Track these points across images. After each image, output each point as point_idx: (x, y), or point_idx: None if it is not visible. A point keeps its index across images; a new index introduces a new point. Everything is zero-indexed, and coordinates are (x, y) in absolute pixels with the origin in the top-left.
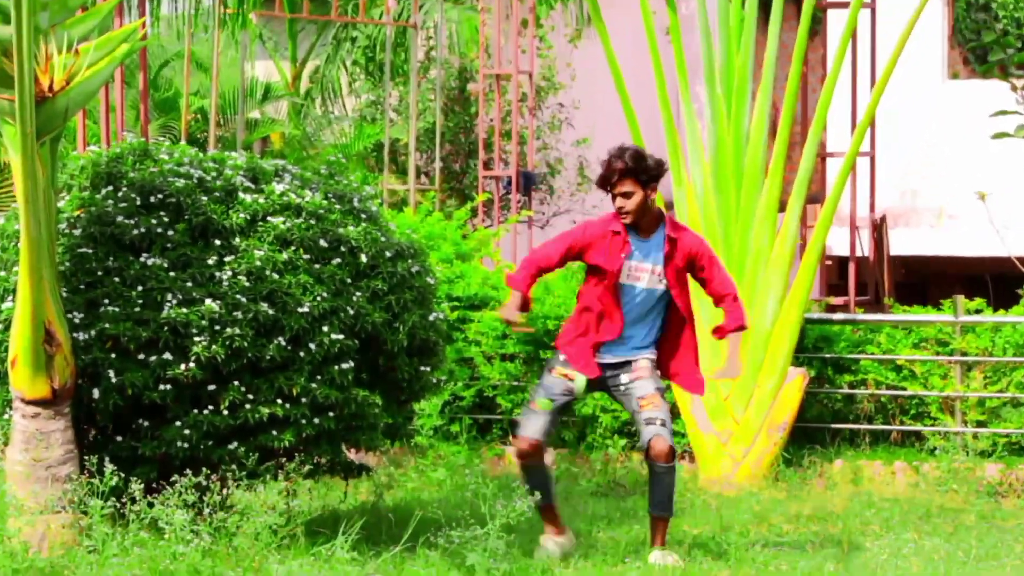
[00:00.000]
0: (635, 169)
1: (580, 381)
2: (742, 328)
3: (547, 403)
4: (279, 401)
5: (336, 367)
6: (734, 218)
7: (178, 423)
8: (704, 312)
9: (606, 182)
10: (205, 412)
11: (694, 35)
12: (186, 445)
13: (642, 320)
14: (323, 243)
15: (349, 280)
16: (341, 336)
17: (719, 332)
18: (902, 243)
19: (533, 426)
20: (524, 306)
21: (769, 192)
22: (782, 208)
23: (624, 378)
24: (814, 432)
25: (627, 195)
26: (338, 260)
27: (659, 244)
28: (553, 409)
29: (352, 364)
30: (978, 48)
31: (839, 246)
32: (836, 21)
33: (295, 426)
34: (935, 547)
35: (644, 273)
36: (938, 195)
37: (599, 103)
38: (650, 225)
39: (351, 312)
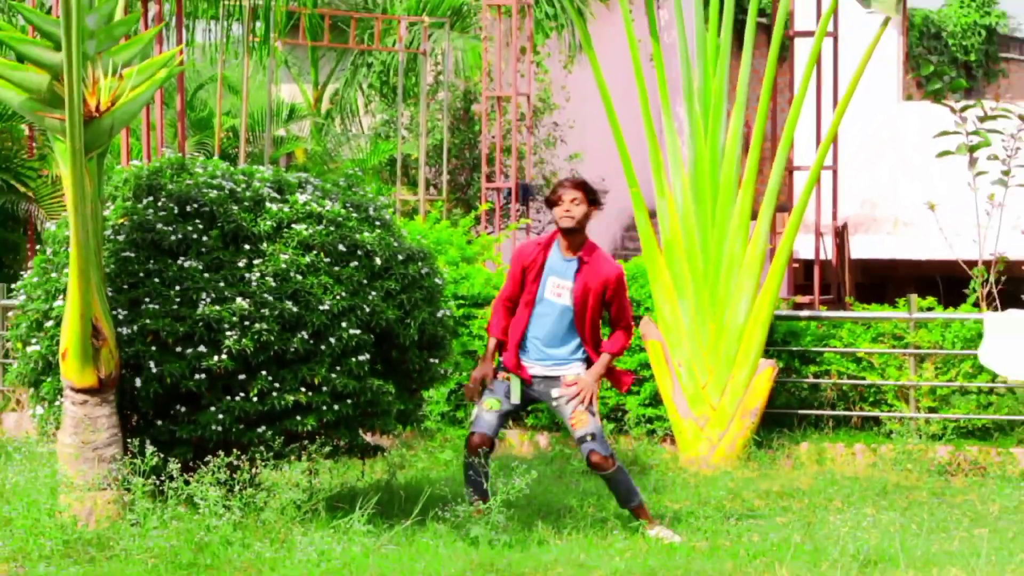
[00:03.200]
0: (585, 185)
1: (515, 383)
2: (616, 354)
3: (495, 403)
4: (302, 389)
5: (354, 359)
6: (711, 226)
7: (212, 408)
8: None
9: (556, 195)
10: (236, 399)
11: (675, 61)
12: (219, 429)
13: (564, 336)
14: (342, 247)
15: (365, 281)
16: (358, 331)
17: (600, 349)
18: (862, 248)
19: (483, 423)
20: (500, 348)
21: (742, 202)
22: (754, 216)
23: (555, 392)
24: (782, 417)
25: (575, 201)
26: (355, 263)
27: (578, 263)
28: (500, 410)
29: (368, 356)
30: (922, 76)
31: (805, 251)
32: (802, 48)
33: (317, 412)
34: (891, 520)
35: (564, 291)
36: (894, 205)
37: (589, 122)
38: (579, 245)
39: (367, 310)
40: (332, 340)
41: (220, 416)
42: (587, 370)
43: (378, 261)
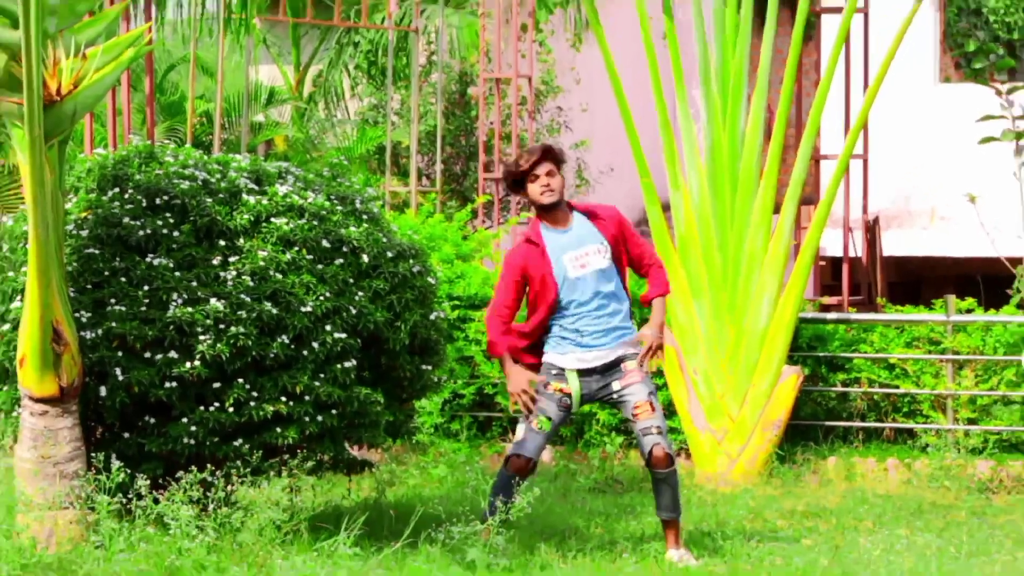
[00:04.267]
0: (551, 151)
1: (575, 392)
2: (666, 292)
3: (546, 423)
4: (283, 399)
5: (339, 366)
6: (729, 220)
7: (184, 420)
8: None
9: (528, 173)
10: (211, 410)
11: (690, 40)
12: (192, 442)
13: (609, 306)
14: (325, 243)
15: (351, 280)
16: (344, 335)
17: (644, 298)
18: (895, 244)
19: (531, 445)
20: (516, 360)
21: (764, 194)
22: (777, 210)
23: (616, 385)
24: (808, 430)
25: (551, 174)
26: (340, 261)
27: (583, 223)
28: (551, 430)
29: (354, 363)
30: (965, 55)
31: (833, 247)
32: (830, 26)
33: (298, 423)
34: (927, 543)
35: (589, 256)
36: (930, 197)
37: (597, 106)
38: (564, 216)
39: (353, 311)
40: (315, 345)
41: (193, 428)
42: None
43: (365, 258)
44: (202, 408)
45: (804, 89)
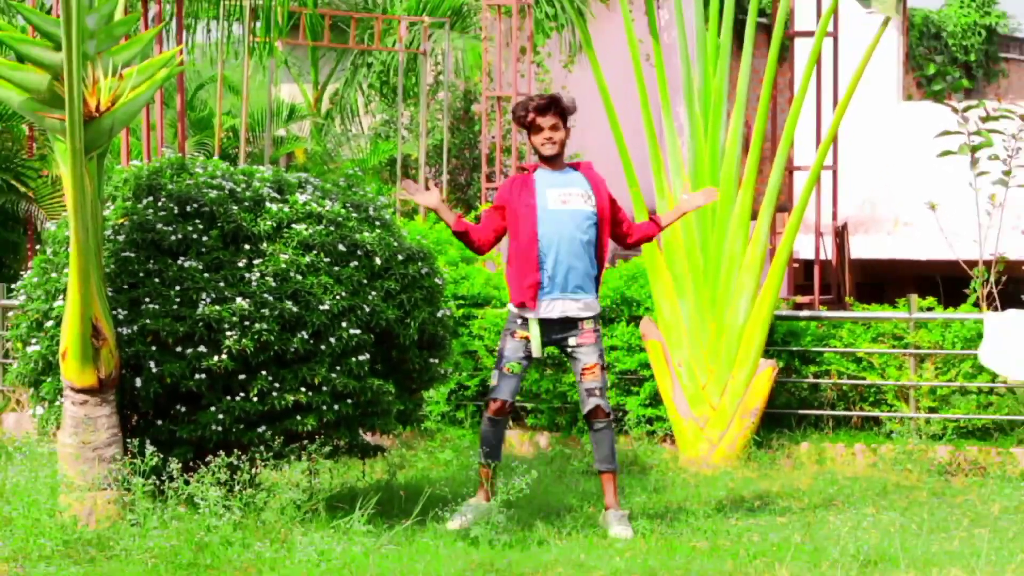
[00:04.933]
0: (559, 104)
1: (534, 331)
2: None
3: (516, 366)
4: (302, 389)
5: (353, 359)
6: (711, 226)
7: (212, 408)
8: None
9: (532, 121)
10: (236, 399)
11: (675, 61)
12: (219, 429)
13: (581, 252)
14: (342, 247)
15: (365, 281)
16: (358, 331)
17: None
18: (862, 248)
19: (505, 388)
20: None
21: (742, 202)
22: (754, 216)
23: (572, 341)
24: (782, 417)
25: (555, 127)
26: (355, 263)
27: (577, 174)
28: (520, 372)
29: (368, 356)
30: (925, 76)
31: (805, 251)
32: (802, 48)
33: (317, 412)
34: (891, 520)
35: (573, 196)
36: (894, 205)
37: (589, 122)
38: (562, 164)
39: (367, 310)
40: (332, 340)
41: (220, 416)
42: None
43: (378, 261)
44: (229, 398)
45: (779, 106)
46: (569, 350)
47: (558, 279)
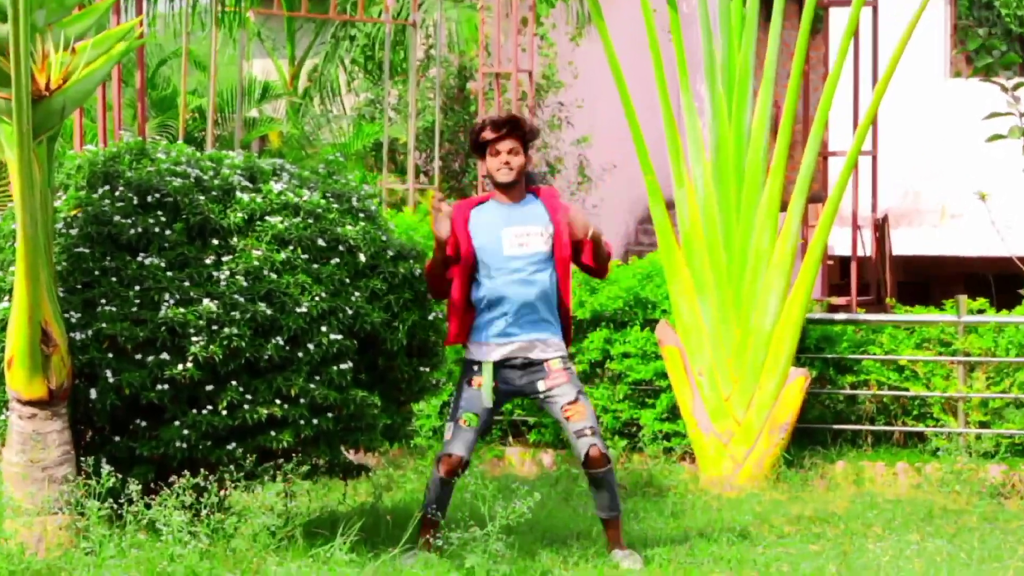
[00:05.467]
0: (520, 127)
1: (487, 378)
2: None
3: (473, 418)
4: (277, 402)
5: (335, 368)
6: (735, 217)
7: (176, 423)
8: None
9: (489, 145)
10: (203, 412)
11: (695, 33)
12: (184, 445)
13: (540, 295)
14: (321, 242)
15: (348, 280)
16: (339, 336)
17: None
18: (904, 243)
19: (460, 443)
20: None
21: (771, 191)
22: (784, 207)
23: (541, 385)
24: (816, 433)
25: (514, 152)
26: (336, 260)
27: (537, 205)
28: (479, 425)
29: (351, 365)
30: (976, 50)
31: (841, 246)
32: (838, 19)
33: (293, 427)
34: (938, 549)
35: (532, 237)
36: (940, 195)
37: (599, 101)
38: (518, 194)
39: (349, 312)
40: (310, 346)
41: (185, 431)
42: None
43: (362, 258)
44: (195, 411)
45: (811, 84)
46: (542, 396)
47: (515, 323)
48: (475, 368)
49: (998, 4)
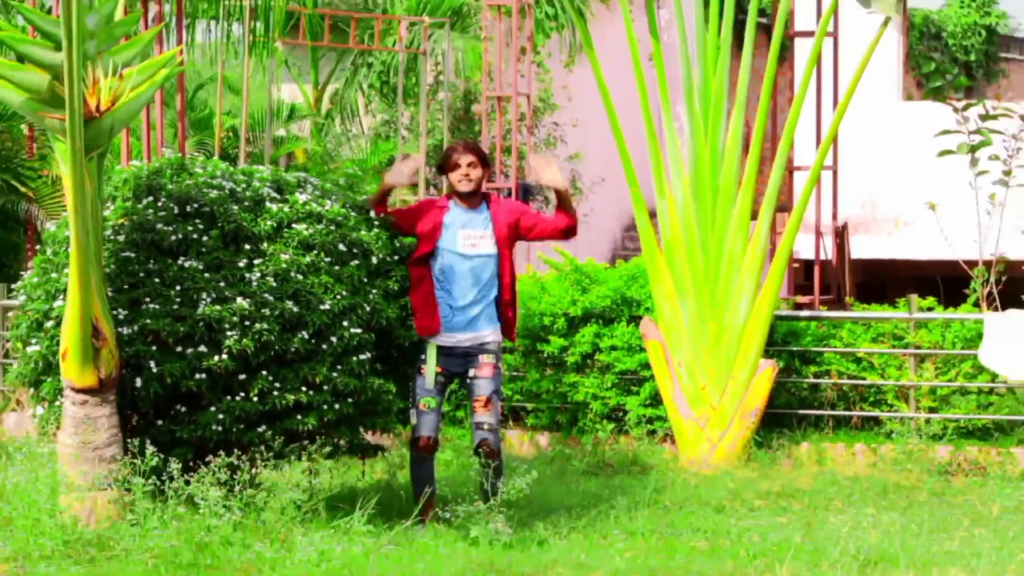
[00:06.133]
0: (477, 148)
1: (430, 368)
2: (571, 210)
3: (431, 401)
4: (303, 389)
5: (355, 358)
6: (711, 226)
7: (212, 408)
8: None
9: (451, 161)
10: (237, 399)
11: (675, 61)
12: (220, 428)
13: (483, 289)
14: (342, 247)
15: (365, 279)
16: (359, 330)
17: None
18: (862, 248)
19: (427, 425)
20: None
21: (742, 202)
22: (754, 216)
23: (471, 372)
24: (783, 418)
25: (473, 165)
26: (355, 262)
27: (486, 213)
28: (437, 406)
29: (369, 355)
30: (925, 75)
31: (805, 251)
32: (802, 48)
33: (317, 411)
34: (891, 520)
35: (483, 240)
36: (894, 205)
37: (589, 122)
38: (477, 201)
39: (367, 308)
40: (333, 339)
41: (220, 416)
42: (501, 333)
43: (375, 260)
44: (229, 398)
45: (779, 106)
46: (468, 381)
47: (460, 315)
48: (422, 357)
49: (946, 35)
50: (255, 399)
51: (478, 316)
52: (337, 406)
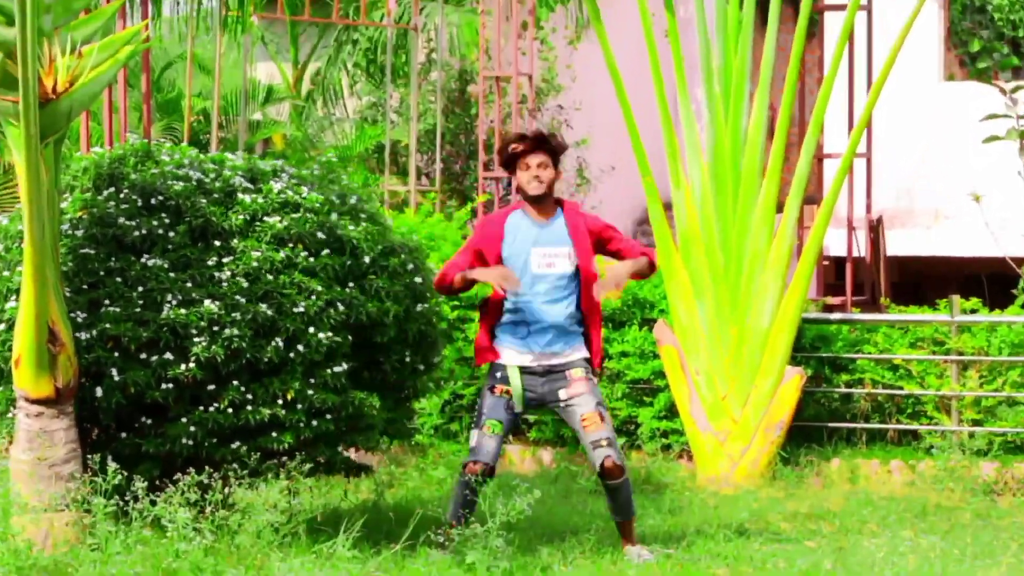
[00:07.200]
0: (548, 142)
1: (516, 390)
2: (652, 261)
3: (497, 425)
4: (279, 403)
5: (328, 370)
6: (732, 219)
7: (183, 420)
8: None
9: (519, 158)
10: (210, 410)
11: (692, 37)
12: (191, 443)
13: (563, 312)
14: (320, 235)
15: (342, 271)
16: (330, 333)
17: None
18: (898, 244)
19: (486, 450)
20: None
21: (767, 193)
22: (780, 209)
23: (563, 394)
24: (811, 431)
25: (543, 166)
26: (333, 254)
27: (563, 225)
28: (503, 432)
29: (345, 367)
30: (969, 53)
31: (836, 247)
32: (833, 23)
33: (293, 429)
34: (931, 545)
35: (559, 258)
36: (934, 196)
37: (597, 104)
38: (550, 208)
39: (341, 308)
40: (300, 347)
41: (192, 428)
42: (586, 360)
43: (367, 260)
44: (201, 409)
45: (807, 87)
46: (562, 404)
47: (541, 334)
48: (498, 375)
49: (991, 8)
50: (228, 411)
51: (557, 337)
52: (315, 423)
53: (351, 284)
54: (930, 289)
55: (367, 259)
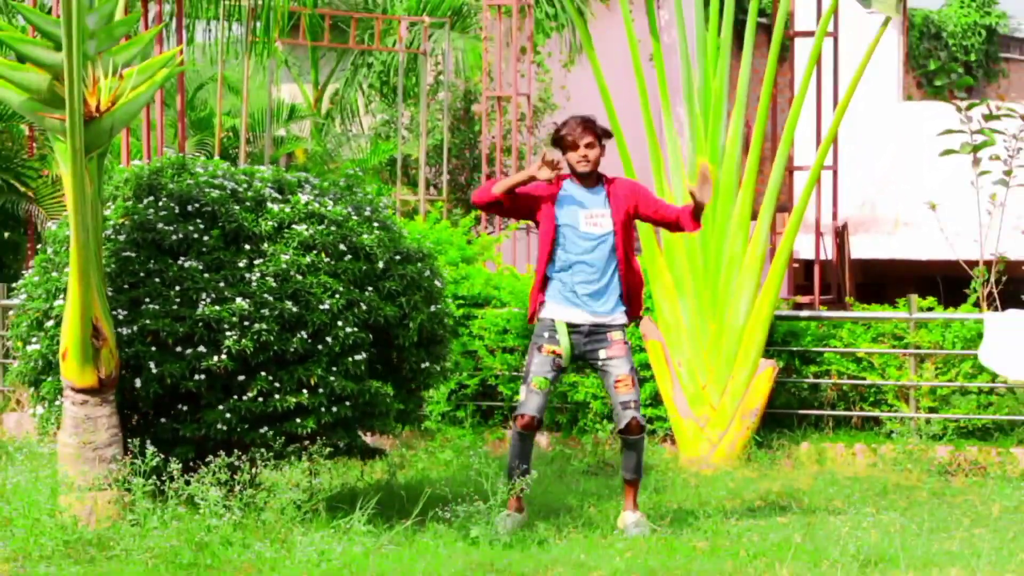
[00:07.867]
0: (595, 126)
1: (566, 351)
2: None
3: (544, 382)
4: (303, 391)
5: (350, 359)
6: (711, 226)
7: (220, 407)
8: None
9: (570, 140)
10: (243, 399)
11: (675, 61)
12: (224, 428)
13: (606, 270)
14: (342, 247)
15: (364, 279)
16: (355, 329)
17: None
18: (862, 248)
19: (532, 404)
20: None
21: (742, 202)
22: (754, 216)
23: (602, 353)
24: (783, 418)
25: (591, 146)
26: (348, 257)
27: (604, 195)
28: (549, 388)
29: (365, 356)
30: (927, 74)
31: (805, 251)
32: (803, 48)
33: (315, 414)
34: (891, 521)
35: (604, 219)
36: (894, 205)
37: None
38: (594, 181)
39: (364, 307)
40: (329, 339)
41: (227, 415)
42: (625, 315)
43: (381, 265)
44: (235, 397)
45: (779, 106)
46: (600, 363)
47: (587, 292)
48: (545, 335)
49: (946, 35)
50: (259, 399)
51: (602, 295)
52: (335, 409)
53: (369, 288)
54: (891, 289)
55: (381, 264)
